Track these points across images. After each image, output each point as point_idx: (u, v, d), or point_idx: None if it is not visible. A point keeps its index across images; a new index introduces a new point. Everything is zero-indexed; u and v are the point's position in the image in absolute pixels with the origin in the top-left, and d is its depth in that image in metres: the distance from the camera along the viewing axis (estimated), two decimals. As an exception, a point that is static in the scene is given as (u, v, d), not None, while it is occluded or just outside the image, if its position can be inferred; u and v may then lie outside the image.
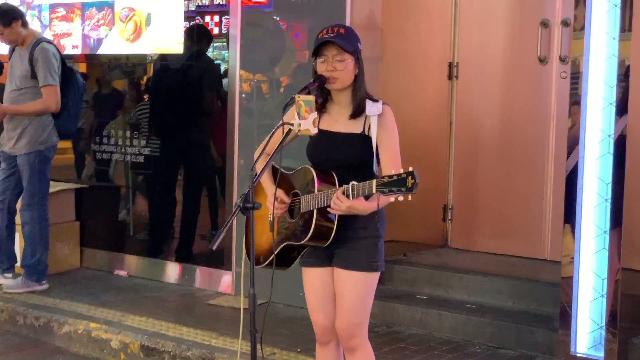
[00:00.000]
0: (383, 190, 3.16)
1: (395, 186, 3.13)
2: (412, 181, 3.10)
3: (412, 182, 3.10)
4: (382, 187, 3.16)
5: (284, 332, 5.27)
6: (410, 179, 3.10)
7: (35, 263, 6.23)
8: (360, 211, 3.40)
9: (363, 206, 3.39)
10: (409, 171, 3.12)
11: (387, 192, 3.15)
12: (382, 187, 3.16)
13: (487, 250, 6.23)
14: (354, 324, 3.61)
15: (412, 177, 3.10)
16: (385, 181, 3.16)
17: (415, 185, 3.10)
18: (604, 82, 4.50)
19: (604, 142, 4.51)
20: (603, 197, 4.52)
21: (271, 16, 6.05)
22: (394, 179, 3.14)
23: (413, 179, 3.10)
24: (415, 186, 3.10)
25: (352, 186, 3.30)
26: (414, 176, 3.10)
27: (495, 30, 6.31)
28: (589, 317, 4.61)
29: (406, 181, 3.11)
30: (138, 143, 6.82)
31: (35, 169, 6.18)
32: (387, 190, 3.14)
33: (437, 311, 5.35)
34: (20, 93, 6.20)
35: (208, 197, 6.63)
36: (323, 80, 3.50)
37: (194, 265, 6.55)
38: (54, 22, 7.31)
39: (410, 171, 3.12)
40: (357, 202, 3.34)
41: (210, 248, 3.27)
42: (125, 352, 5.28)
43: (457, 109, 6.39)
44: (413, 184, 3.10)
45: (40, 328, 5.73)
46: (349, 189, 3.31)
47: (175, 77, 6.72)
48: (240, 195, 3.30)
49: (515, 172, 6.16)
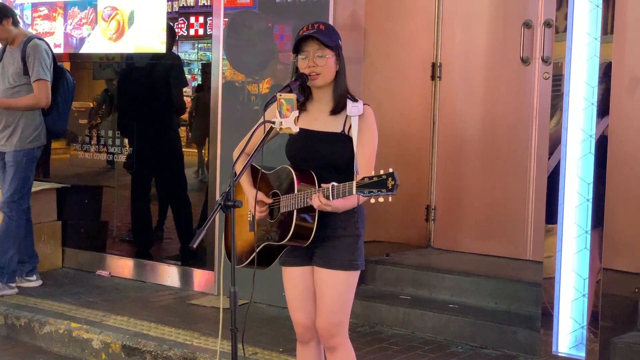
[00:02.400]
0: (363, 192, 3.15)
1: (375, 187, 3.12)
2: (392, 182, 3.09)
3: (392, 183, 3.09)
4: (361, 189, 3.15)
5: (266, 332, 5.27)
6: (390, 180, 3.10)
7: (6, 262, 6.18)
8: (339, 209, 3.40)
9: (343, 205, 3.39)
10: (389, 172, 3.11)
11: (367, 193, 3.14)
12: (362, 189, 3.15)
13: (469, 251, 6.24)
14: (335, 323, 3.60)
15: (392, 178, 3.10)
16: (365, 182, 3.15)
17: (395, 186, 3.09)
18: (586, 83, 4.53)
19: (585, 142, 4.53)
20: (584, 197, 4.54)
21: (256, 17, 6.04)
22: (374, 180, 3.13)
23: (393, 181, 3.09)
24: (395, 187, 3.09)
25: (332, 187, 3.29)
26: (394, 177, 3.10)
27: (479, 31, 6.32)
28: (571, 317, 4.64)
29: (386, 182, 3.10)
30: (120, 142, 6.79)
31: (21, 167, 6.16)
32: (367, 191, 3.14)
33: (420, 311, 5.36)
34: (15, 91, 6.17)
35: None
36: (305, 77, 3.49)
37: (176, 265, 6.54)
38: (36, 20, 7.27)
39: (390, 172, 3.11)
40: (338, 202, 3.34)
41: (190, 246, 3.25)
42: (107, 352, 5.25)
43: (440, 110, 6.40)
44: (393, 185, 3.09)
45: (21, 328, 5.69)
46: (328, 190, 3.30)
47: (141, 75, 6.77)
48: (221, 194, 3.29)
49: (497, 173, 6.17)
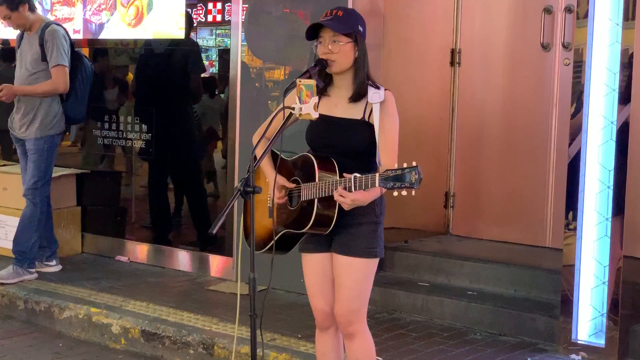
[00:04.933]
0: (386, 185, 3.14)
1: (398, 181, 3.12)
2: (415, 177, 3.10)
3: (416, 177, 3.10)
4: (384, 182, 3.15)
5: (284, 318, 5.27)
6: (413, 175, 3.10)
7: (29, 248, 6.21)
8: (363, 203, 3.37)
9: (365, 197, 3.35)
10: (413, 166, 3.11)
11: (389, 186, 3.13)
12: (385, 182, 3.15)
13: (488, 238, 6.22)
14: (353, 311, 3.59)
15: (416, 172, 3.10)
16: (389, 175, 3.14)
17: (418, 180, 3.09)
18: (607, 69, 4.49)
19: (606, 129, 4.50)
20: (605, 184, 4.50)
21: (274, 2, 6.02)
22: (397, 173, 3.13)
23: (417, 174, 3.09)
24: (418, 182, 3.09)
25: (355, 178, 3.27)
26: (418, 171, 3.09)
27: (498, 17, 6.28)
28: (590, 305, 4.62)
29: (409, 176, 3.10)
30: (139, 129, 6.80)
31: (43, 154, 6.18)
32: (390, 184, 3.13)
33: (438, 298, 5.35)
34: (33, 78, 6.18)
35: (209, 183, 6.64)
36: (324, 63, 3.47)
37: (195, 251, 6.55)
38: (55, 6, 7.28)
39: (414, 166, 3.11)
40: (360, 194, 3.30)
41: (210, 232, 3.25)
42: (126, 337, 5.28)
43: (459, 96, 6.36)
44: (416, 180, 3.09)
45: (41, 313, 5.73)
46: (351, 182, 3.28)
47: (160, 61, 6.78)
48: (241, 179, 3.28)
49: (517, 159, 6.14)
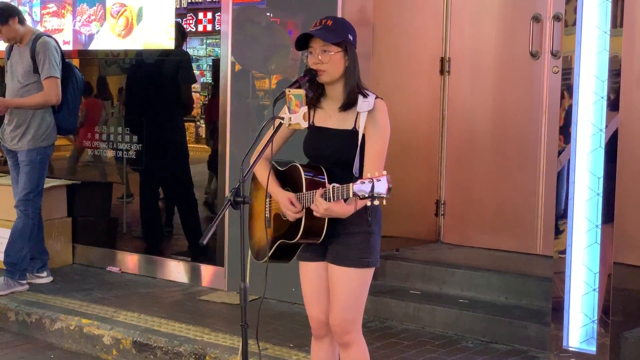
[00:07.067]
0: (359, 195, 3.15)
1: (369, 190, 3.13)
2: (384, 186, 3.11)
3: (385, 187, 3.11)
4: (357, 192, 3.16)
5: (276, 328, 5.27)
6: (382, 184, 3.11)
7: (20, 260, 6.20)
8: (338, 214, 3.38)
9: (342, 209, 3.37)
10: (382, 176, 3.13)
11: (362, 196, 3.15)
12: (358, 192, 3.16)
13: (479, 245, 6.23)
14: (348, 320, 3.60)
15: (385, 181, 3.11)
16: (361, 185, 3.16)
17: (388, 190, 3.10)
18: (596, 77, 4.50)
19: (595, 136, 4.51)
20: (595, 191, 4.52)
21: (264, 13, 6.03)
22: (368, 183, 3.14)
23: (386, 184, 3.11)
24: (388, 191, 3.10)
25: (332, 188, 3.30)
26: (387, 181, 3.11)
27: (488, 25, 6.30)
28: (581, 312, 4.62)
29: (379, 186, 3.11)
30: (130, 139, 6.80)
31: (36, 165, 6.18)
32: (361, 195, 3.15)
33: (430, 306, 5.35)
34: (25, 90, 6.18)
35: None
36: (313, 73, 3.48)
37: (186, 261, 6.54)
38: (44, 17, 7.28)
39: (382, 176, 3.13)
40: (335, 205, 3.33)
41: (201, 243, 3.25)
42: (118, 348, 5.27)
43: (449, 104, 6.38)
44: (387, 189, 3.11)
45: (32, 324, 5.71)
46: (329, 192, 3.31)
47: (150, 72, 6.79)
48: (231, 189, 3.29)
49: (507, 167, 6.16)
